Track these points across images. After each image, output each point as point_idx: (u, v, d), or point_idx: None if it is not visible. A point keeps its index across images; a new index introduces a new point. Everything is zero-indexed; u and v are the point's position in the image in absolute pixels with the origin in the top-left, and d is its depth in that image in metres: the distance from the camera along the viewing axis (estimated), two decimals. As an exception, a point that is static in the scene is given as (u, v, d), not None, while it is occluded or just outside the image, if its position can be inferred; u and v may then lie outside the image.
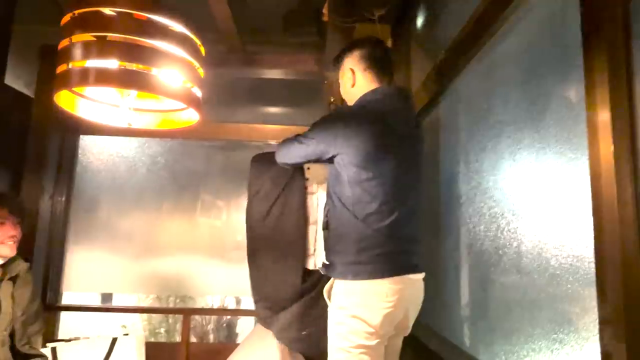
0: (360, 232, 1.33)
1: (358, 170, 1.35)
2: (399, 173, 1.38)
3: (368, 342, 1.31)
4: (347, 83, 1.52)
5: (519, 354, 1.17)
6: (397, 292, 1.32)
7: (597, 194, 0.87)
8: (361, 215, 1.34)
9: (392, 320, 1.34)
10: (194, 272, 2.59)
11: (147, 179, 2.58)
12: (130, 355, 2.16)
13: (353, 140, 1.35)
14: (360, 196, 1.35)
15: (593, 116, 0.88)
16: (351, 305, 1.32)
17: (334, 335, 1.36)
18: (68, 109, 1.22)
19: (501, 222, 1.28)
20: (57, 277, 2.40)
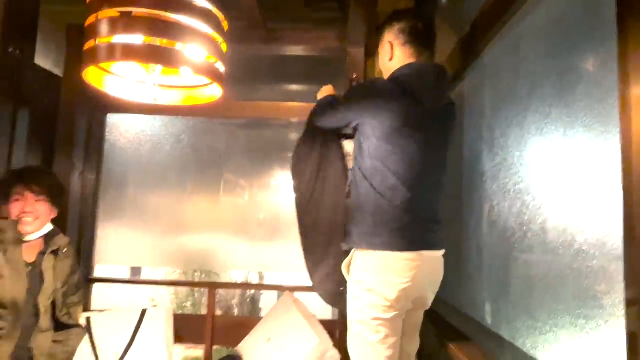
0: (377, 204, 1.35)
1: (380, 143, 1.35)
2: (422, 150, 1.37)
3: (385, 315, 1.34)
4: (385, 57, 1.51)
5: (541, 330, 1.16)
6: (414, 267, 1.33)
7: (628, 169, 0.84)
8: (380, 188, 1.35)
9: (409, 295, 1.36)
10: (218, 249, 2.65)
11: (172, 157, 2.63)
12: (159, 326, 2.25)
13: (378, 112, 1.35)
14: (380, 169, 1.35)
15: (625, 90, 0.85)
16: (367, 280, 1.35)
17: (352, 308, 1.40)
18: (96, 85, 1.25)
19: (526, 199, 1.26)
20: (89, 251, 2.50)
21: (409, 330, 1.50)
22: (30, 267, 1.72)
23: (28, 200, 1.74)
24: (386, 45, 1.49)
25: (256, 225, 2.65)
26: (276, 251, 2.63)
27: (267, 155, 2.68)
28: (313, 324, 2.20)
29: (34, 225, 1.75)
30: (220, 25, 1.20)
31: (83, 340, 1.97)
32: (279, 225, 2.60)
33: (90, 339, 2.16)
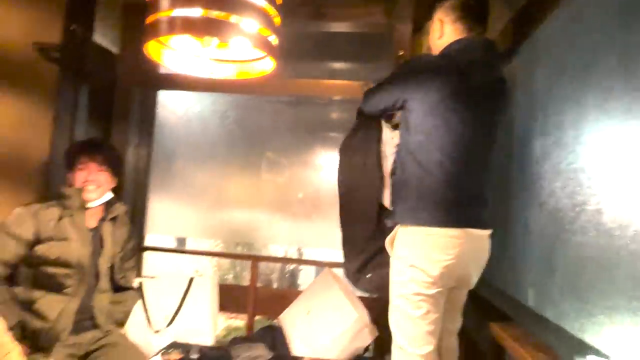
0: (422, 180, 1.35)
1: (425, 117, 1.35)
2: (468, 126, 1.36)
3: (427, 290, 1.35)
4: (435, 34, 1.49)
5: (591, 312, 1.14)
6: (458, 245, 1.33)
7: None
8: (424, 163, 1.35)
9: (452, 272, 1.36)
10: (259, 224, 2.74)
11: (217, 133, 2.71)
12: (205, 294, 2.37)
13: (423, 86, 1.35)
14: (424, 144, 1.35)
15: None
16: (410, 256, 1.37)
17: (395, 283, 1.42)
18: (155, 59, 1.31)
19: (581, 178, 1.22)
20: (141, 221, 2.64)
21: (452, 308, 1.51)
22: (92, 232, 1.85)
23: (91, 170, 1.86)
24: (436, 23, 1.48)
25: (296, 202, 2.70)
26: (315, 228, 2.69)
27: (309, 133, 2.71)
28: (352, 300, 2.24)
29: (96, 192, 1.87)
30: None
31: (137, 303, 2.11)
32: (319, 203, 2.64)
33: (143, 302, 2.31)
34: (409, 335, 1.38)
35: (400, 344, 1.40)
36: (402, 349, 1.40)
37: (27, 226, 1.68)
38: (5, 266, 1.65)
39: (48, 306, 1.68)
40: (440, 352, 1.49)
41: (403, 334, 1.40)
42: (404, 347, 1.39)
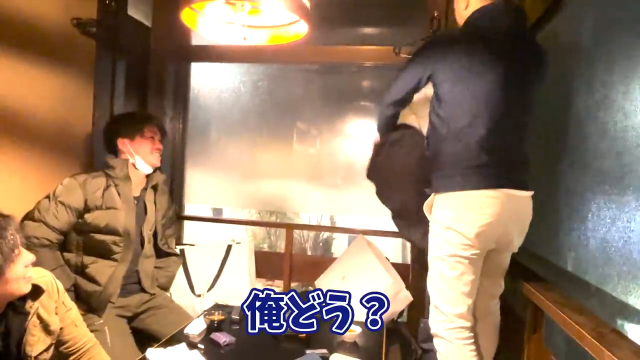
0: (453, 145, 1.37)
1: (453, 86, 1.36)
2: (498, 90, 1.36)
3: (463, 252, 1.38)
4: (461, 5, 1.49)
5: (635, 275, 1.11)
6: (492, 205, 1.34)
7: None
8: (455, 129, 1.37)
9: (489, 234, 1.37)
10: (291, 193, 2.77)
11: (250, 104, 2.73)
12: (243, 260, 2.46)
13: (448, 57, 1.37)
14: (453, 111, 1.37)
15: None
16: (446, 218, 1.40)
17: (432, 245, 1.46)
18: (190, 26, 1.32)
19: (630, 137, 1.16)
20: (180, 191, 2.73)
21: (493, 272, 1.52)
22: (136, 200, 1.94)
23: (158, 139, 1.97)
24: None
25: (328, 171, 2.72)
26: (347, 196, 2.70)
27: (340, 101, 2.69)
28: (386, 266, 2.26)
29: (159, 160, 1.99)
30: (304, -40, 1.19)
31: (180, 268, 2.21)
32: (351, 171, 2.64)
33: (185, 268, 2.42)
34: (444, 295, 1.43)
35: (436, 303, 1.45)
36: (437, 307, 1.45)
37: (77, 195, 1.78)
38: (57, 233, 1.76)
39: (98, 271, 1.78)
40: (480, 315, 1.51)
41: (439, 294, 1.45)
42: (438, 306, 1.44)
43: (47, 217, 1.73)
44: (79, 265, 1.80)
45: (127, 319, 1.88)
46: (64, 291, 1.36)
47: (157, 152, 1.96)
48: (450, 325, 1.42)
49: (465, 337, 1.42)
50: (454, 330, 1.41)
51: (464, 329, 1.42)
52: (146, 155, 1.92)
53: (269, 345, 1.65)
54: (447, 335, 1.42)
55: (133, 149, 1.91)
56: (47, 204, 1.75)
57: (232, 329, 1.77)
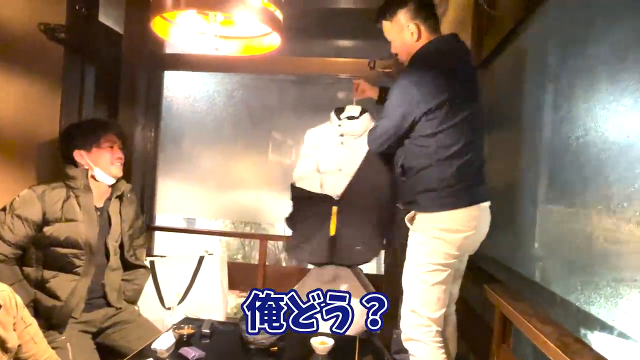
0: (443, 171, 1.46)
1: (441, 120, 1.43)
2: (469, 113, 1.46)
3: (446, 260, 1.46)
4: (409, 38, 1.53)
5: (597, 285, 1.15)
6: (475, 218, 1.45)
7: None
8: (443, 157, 1.45)
9: (469, 243, 1.49)
10: (266, 204, 2.76)
11: (224, 114, 2.71)
12: (215, 272, 2.41)
13: (433, 98, 1.42)
14: (443, 141, 1.45)
15: None
16: (434, 230, 1.47)
17: (416, 253, 1.51)
18: (162, 35, 1.31)
19: (591, 152, 1.21)
20: (151, 201, 2.67)
21: (457, 277, 1.61)
22: (99, 211, 1.87)
23: (117, 147, 1.90)
24: (409, 26, 1.52)
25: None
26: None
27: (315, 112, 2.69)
28: (359, 277, 2.26)
29: (121, 170, 1.91)
30: (277, -28, 1.20)
31: (148, 281, 2.15)
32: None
33: (155, 280, 2.36)
34: (424, 300, 1.48)
35: (413, 307, 1.50)
36: (414, 312, 1.50)
37: (35, 208, 1.71)
38: (14, 247, 1.69)
39: (59, 286, 1.72)
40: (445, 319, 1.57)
41: (418, 299, 1.50)
42: (417, 311, 1.49)
43: (2, 231, 1.66)
44: (39, 280, 1.73)
45: (92, 335, 1.81)
46: (23, 306, 1.30)
47: (118, 161, 1.88)
48: (427, 329, 1.48)
49: (440, 340, 1.49)
50: (429, 333, 1.48)
51: (438, 332, 1.49)
52: (106, 166, 1.86)
53: (239, 359, 1.61)
54: (424, 338, 1.48)
55: (91, 161, 1.84)
56: (2, 217, 1.68)
57: (202, 343, 1.72)
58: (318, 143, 2.18)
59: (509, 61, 1.90)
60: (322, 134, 2.19)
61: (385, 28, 1.60)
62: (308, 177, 2.15)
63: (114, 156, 1.88)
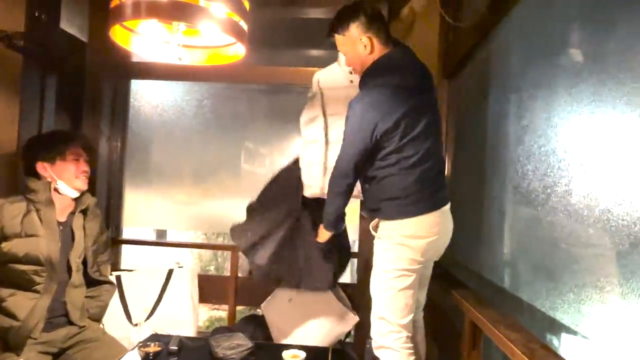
0: (405, 180, 1.48)
1: (401, 136, 1.45)
2: (426, 122, 1.49)
3: (411, 266, 1.48)
4: (362, 50, 1.53)
5: (561, 290, 1.17)
6: (438, 223, 1.49)
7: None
8: (404, 167, 1.47)
9: (433, 248, 1.51)
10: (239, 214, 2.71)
11: (194, 123, 2.66)
12: (185, 285, 2.35)
13: (390, 117, 1.43)
14: (404, 154, 1.47)
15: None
16: (399, 236, 1.49)
17: (382, 259, 1.53)
18: (123, 45, 1.27)
19: (552, 160, 1.24)
20: (117, 214, 2.59)
21: (423, 283, 1.63)
22: (62, 226, 1.80)
23: (83, 160, 1.83)
24: (363, 39, 1.51)
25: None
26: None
27: (287, 121, 2.68)
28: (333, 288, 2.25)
29: (86, 183, 1.84)
30: (243, -17, 1.19)
31: (114, 296, 2.07)
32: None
33: (121, 295, 2.28)
34: (392, 307, 1.49)
35: (382, 314, 1.51)
36: (383, 319, 1.50)
37: None
38: (-29, 264, 1.59)
39: (17, 304, 1.63)
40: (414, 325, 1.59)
41: (387, 306, 1.50)
42: (385, 318, 1.49)
43: None
44: (-4, 299, 1.64)
45: (53, 356, 1.72)
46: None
47: (83, 175, 1.82)
48: (397, 335, 1.49)
49: (410, 346, 1.50)
50: (400, 339, 1.49)
51: (408, 338, 1.50)
52: (70, 180, 1.79)
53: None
54: (394, 345, 1.48)
55: (55, 174, 1.76)
56: None
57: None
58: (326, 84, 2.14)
59: (474, 73, 1.95)
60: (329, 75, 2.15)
61: (338, 42, 1.58)
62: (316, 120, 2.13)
63: (79, 169, 1.81)
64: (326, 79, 2.15)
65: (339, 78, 2.11)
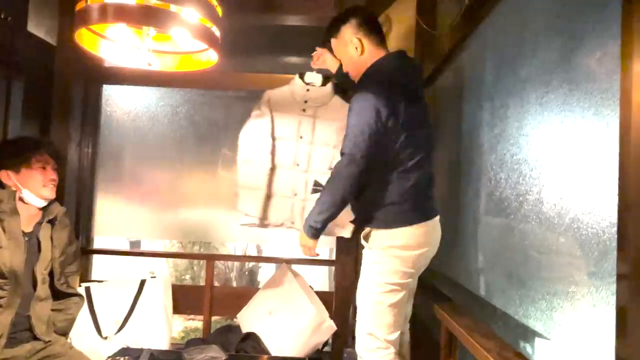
0: (402, 185, 1.45)
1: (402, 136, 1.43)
2: (421, 129, 1.49)
3: (401, 280, 1.45)
4: (353, 52, 1.55)
5: (533, 298, 1.18)
6: (429, 234, 1.48)
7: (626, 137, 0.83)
8: (402, 171, 1.46)
9: (423, 259, 1.49)
10: (216, 221, 2.66)
11: (169, 129, 2.61)
12: (158, 296, 2.29)
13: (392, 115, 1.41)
14: (402, 156, 1.46)
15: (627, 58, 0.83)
16: (391, 247, 1.45)
17: (372, 271, 1.48)
18: (90, 49, 1.23)
19: (524, 169, 1.25)
20: (88, 223, 2.51)
21: (410, 293, 1.60)
22: (28, 237, 1.72)
23: (52, 168, 1.76)
24: (354, 41, 1.53)
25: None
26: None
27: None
28: (310, 295, 2.23)
29: (54, 192, 1.77)
30: (216, -12, 1.17)
31: (83, 309, 1.99)
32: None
33: (91, 307, 2.20)
34: (381, 322, 1.45)
35: (370, 330, 1.46)
36: (371, 335, 1.46)
37: None
38: None
39: (-22, 319, 1.55)
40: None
41: (375, 321, 1.46)
42: (374, 334, 1.46)
43: None
44: (-45, 314, 1.55)
45: (16, 373, 1.64)
46: None
47: (51, 183, 1.75)
48: (385, 352, 1.46)
49: None
50: (388, 356, 1.46)
51: (396, 355, 1.47)
52: (37, 188, 1.72)
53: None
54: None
55: (20, 183, 1.69)
56: None
57: (140, 375, 1.61)
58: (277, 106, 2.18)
59: (450, 80, 1.97)
60: (282, 98, 2.19)
61: (333, 46, 1.63)
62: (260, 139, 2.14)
63: (46, 177, 1.74)
64: (278, 99, 2.18)
65: (293, 100, 2.16)
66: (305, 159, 2.15)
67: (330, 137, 2.12)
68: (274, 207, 2.17)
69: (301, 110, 2.14)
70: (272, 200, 2.16)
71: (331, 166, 2.05)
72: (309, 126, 2.14)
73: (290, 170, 2.16)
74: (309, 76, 2.16)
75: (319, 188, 2.05)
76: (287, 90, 2.20)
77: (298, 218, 2.15)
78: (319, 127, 2.14)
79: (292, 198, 2.17)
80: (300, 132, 2.14)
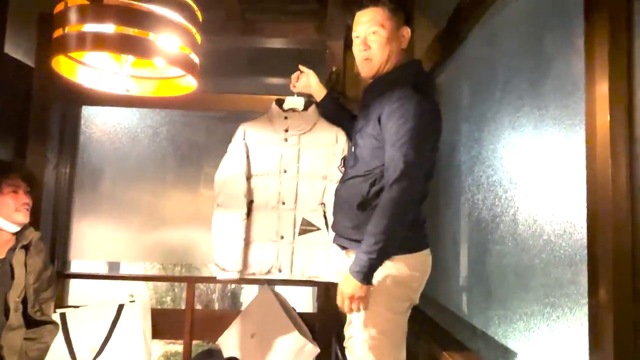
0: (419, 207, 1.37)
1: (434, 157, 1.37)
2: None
3: (407, 311, 1.37)
4: (400, 44, 1.41)
5: (512, 318, 1.20)
6: (429, 261, 1.39)
7: (592, 160, 0.87)
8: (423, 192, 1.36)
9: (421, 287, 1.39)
10: (197, 243, 2.62)
11: (149, 150, 2.58)
12: (137, 321, 2.23)
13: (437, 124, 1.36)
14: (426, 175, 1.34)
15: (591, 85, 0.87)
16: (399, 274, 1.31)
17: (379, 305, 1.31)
18: (68, 75, 1.22)
19: (499, 191, 1.28)
20: (65, 246, 2.44)
21: None
22: (0, 263, 1.67)
23: (23, 192, 1.71)
24: (405, 32, 1.41)
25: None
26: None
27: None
28: (292, 317, 2.20)
29: (28, 216, 1.72)
30: (195, 15, 1.18)
31: (57, 336, 1.93)
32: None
33: (66, 335, 2.13)
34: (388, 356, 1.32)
35: None
36: None
37: None
38: None
39: (-54, 350, 1.49)
40: None
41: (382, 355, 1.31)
42: None
43: None
44: None
45: (-15, 406, 1.58)
46: None
47: (23, 207, 1.71)
48: None
49: None
50: None
51: None
52: (9, 214, 1.68)
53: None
54: None
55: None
56: None
57: (116, 405, 1.56)
58: (254, 139, 1.98)
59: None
60: (259, 129, 1.98)
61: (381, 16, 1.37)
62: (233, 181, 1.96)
63: (18, 202, 1.70)
64: (256, 131, 2.01)
65: (272, 130, 1.99)
66: (291, 195, 1.94)
67: (318, 167, 1.91)
68: (256, 254, 2.00)
69: (282, 140, 1.93)
70: (251, 246, 1.99)
71: (322, 201, 1.91)
72: (292, 157, 1.92)
73: (274, 210, 1.96)
74: (288, 102, 1.98)
75: (309, 228, 1.89)
76: (265, 119, 2.05)
77: (287, 264, 1.99)
78: (304, 157, 1.93)
79: (278, 242, 1.99)
80: (282, 165, 1.93)
